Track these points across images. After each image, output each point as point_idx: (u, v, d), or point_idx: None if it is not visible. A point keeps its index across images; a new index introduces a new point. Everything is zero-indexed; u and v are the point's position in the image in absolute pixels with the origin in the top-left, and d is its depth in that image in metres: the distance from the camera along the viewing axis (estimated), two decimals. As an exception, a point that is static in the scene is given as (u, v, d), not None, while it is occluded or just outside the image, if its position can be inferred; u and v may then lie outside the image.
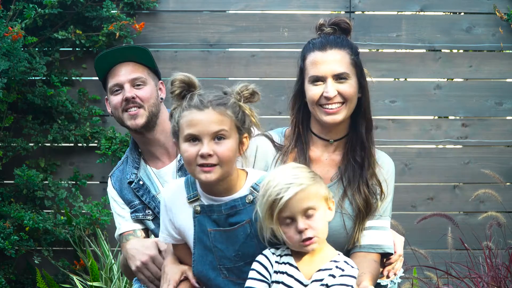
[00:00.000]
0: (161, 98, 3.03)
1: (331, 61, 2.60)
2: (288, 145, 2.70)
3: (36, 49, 4.64)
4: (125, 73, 2.94)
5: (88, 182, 4.75)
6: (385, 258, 2.76)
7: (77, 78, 4.75)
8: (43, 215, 4.46)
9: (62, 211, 4.63)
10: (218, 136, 2.32)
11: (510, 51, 4.83)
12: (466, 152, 4.81)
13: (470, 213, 4.76)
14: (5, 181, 4.70)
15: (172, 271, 2.52)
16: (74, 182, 4.71)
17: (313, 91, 2.62)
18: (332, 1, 4.84)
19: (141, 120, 2.93)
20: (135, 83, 2.95)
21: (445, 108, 4.81)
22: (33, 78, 4.64)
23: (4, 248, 4.20)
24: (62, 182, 4.68)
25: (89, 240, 4.48)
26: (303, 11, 4.84)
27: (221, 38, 4.82)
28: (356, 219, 2.64)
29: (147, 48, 3.03)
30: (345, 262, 2.33)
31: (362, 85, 2.67)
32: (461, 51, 4.86)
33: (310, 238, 2.27)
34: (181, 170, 2.96)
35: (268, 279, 2.31)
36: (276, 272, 2.32)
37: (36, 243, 4.52)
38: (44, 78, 4.68)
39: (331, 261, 2.32)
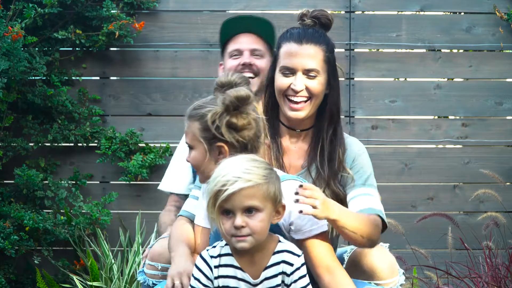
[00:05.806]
0: None
1: (304, 55, 2.63)
2: None
3: (36, 49, 4.63)
4: (247, 42, 3.26)
5: (88, 182, 4.75)
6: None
7: (77, 78, 4.74)
8: (43, 215, 4.46)
9: (62, 211, 4.63)
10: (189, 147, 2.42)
11: (510, 51, 4.83)
12: (466, 152, 4.80)
13: (470, 213, 4.75)
14: (5, 181, 4.69)
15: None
16: (74, 182, 4.71)
17: (281, 81, 2.65)
18: (332, 1, 4.83)
19: (253, 89, 2.88)
20: (254, 53, 3.23)
21: (445, 108, 4.81)
22: (33, 78, 4.64)
23: (4, 248, 4.20)
24: (62, 182, 4.68)
25: (89, 240, 4.48)
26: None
27: (221, 38, 4.81)
28: None
29: (270, 22, 3.34)
30: (289, 252, 2.23)
31: (330, 82, 2.68)
32: (461, 51, 4.86)
33: (243, 236, 2.15)
34: None
35: (210, 286, 2.23)
36: (217, 277, 2.22)
37: (36, 243, 4.51)
38: (44, 78, 4.68)
39: (274, 253, 2.22)
